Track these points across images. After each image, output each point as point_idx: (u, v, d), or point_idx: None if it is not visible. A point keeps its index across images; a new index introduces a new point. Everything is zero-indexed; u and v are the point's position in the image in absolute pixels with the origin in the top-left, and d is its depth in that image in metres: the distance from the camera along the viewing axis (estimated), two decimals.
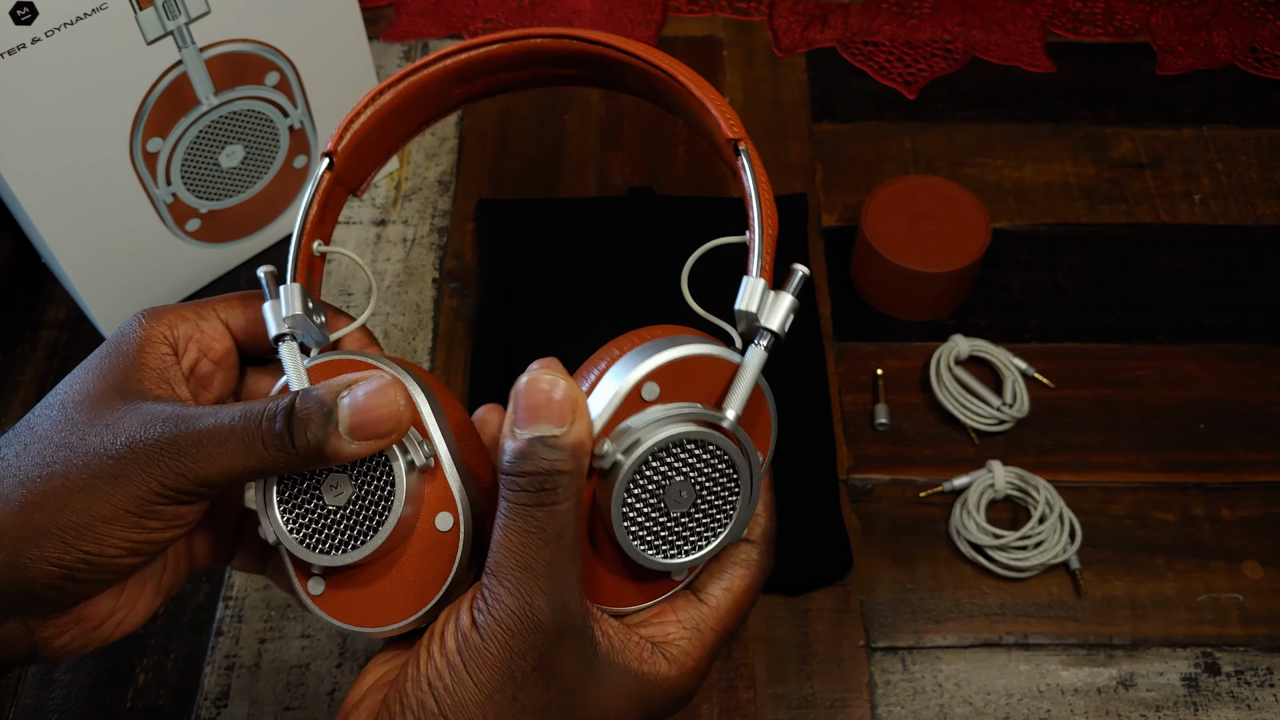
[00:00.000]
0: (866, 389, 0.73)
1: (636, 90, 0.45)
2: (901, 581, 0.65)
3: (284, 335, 0.40)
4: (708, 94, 0.41)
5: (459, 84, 0.45)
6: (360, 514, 0.37)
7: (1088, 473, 0.69)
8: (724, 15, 0.94)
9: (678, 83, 0.42)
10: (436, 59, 0.44)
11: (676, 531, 0.38)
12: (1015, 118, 0.87)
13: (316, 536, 0.37)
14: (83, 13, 0.60)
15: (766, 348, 0.38)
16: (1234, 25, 0.92)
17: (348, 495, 0.37)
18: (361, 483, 0.37)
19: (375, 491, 0.37)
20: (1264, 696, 0.61)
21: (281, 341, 0.40)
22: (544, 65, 0.45)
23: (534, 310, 0.75)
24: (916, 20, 0.93)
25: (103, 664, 0.63)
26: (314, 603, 0.38)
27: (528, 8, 0.94)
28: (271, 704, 0.62)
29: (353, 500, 0.37)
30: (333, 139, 0.42)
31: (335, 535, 0.37)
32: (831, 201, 0.82)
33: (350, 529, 0.37)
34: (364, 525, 0.37)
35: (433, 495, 0.38)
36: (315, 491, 0.37)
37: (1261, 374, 0.73)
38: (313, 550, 0.37)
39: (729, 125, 0.40)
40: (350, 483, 0.37)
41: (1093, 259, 0.79)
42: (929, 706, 0.61)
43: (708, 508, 0.38)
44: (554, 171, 0.84)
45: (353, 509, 0.37)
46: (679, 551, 0.38)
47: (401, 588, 0.38)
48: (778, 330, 0.38)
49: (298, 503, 0.37)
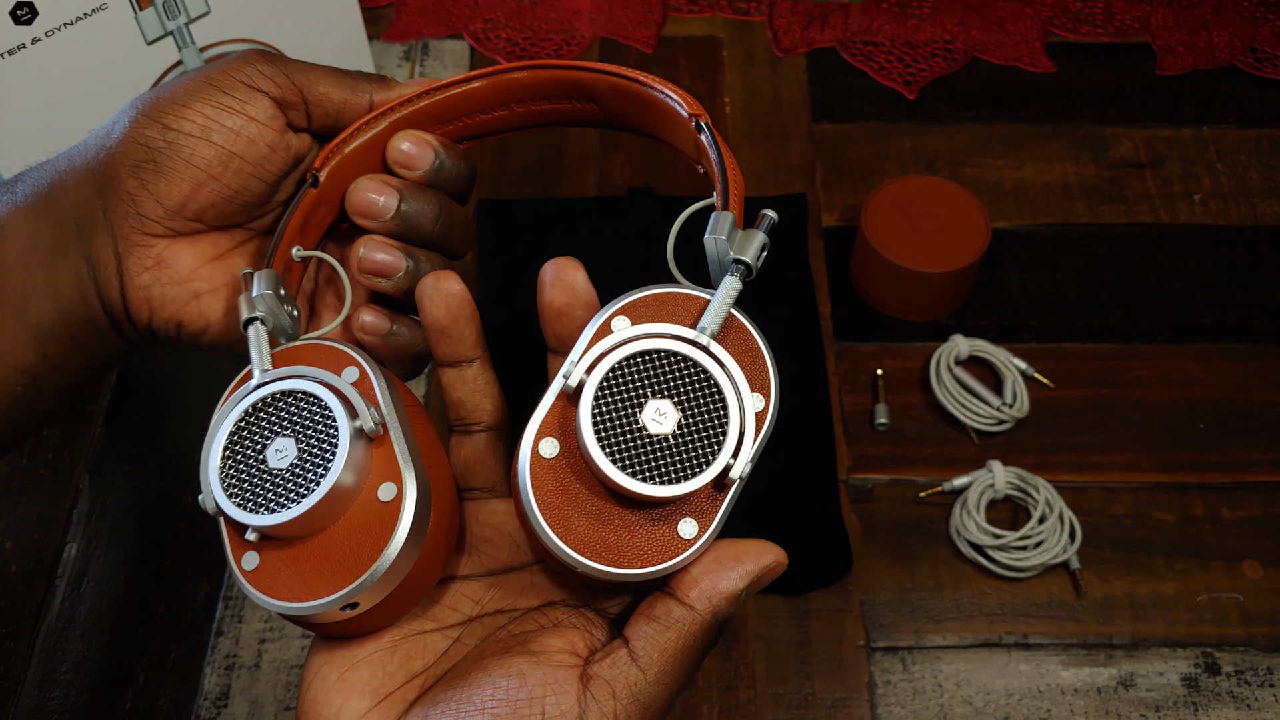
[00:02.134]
0: (866, 389, 0.73)
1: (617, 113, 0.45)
2: (901, 581, 0.65)
3: (254, 319, 0.40)
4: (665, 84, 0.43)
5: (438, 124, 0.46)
6: (300, 476, 0.36)
7: (1088, 473, 0.69)
8: (724, 15, 0.94)
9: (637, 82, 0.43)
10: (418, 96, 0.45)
11: (662, 456, 0.35)
12: (1015, 118, 0.87)
13: (252, 497, 0.36)
14: (83, 13, 0.60)
15: (740, 278, 0.37)
16: (1234, 25, 0.92)
17: (291, 458, 0.36)
18: (306, 445, 0.36)
19: (318, 455, 0.36)
20: (1264, 696, 0.61)
21: (250, 325, 0.40)
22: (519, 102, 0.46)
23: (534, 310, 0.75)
24: (916, 20, 0.93)
25: (103, 664, 0.63)
26: (245, 578, 0.36)
27: (528, 8, 0.94)
28: (271, 704, 0.62)
29: (295, 463, 0.36)
30: (319, 159, 0.43)
31: (271, 497, 0.36)
32: (831, 201, 0.82)
33: (288, 491, 0.36)
34: (303, 487, 0.36)
35: (378, 466, 0.37)
36: (260, 456, 0.37)
37: (1261, 374, 0.73)
38: (245, 510, 0.36)
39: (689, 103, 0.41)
40: (295, 445, 0.36)
41: (1093, 259, 0.79)
42: (929, 706, 0.61)
43: (697, 431, 0.35)
44: (554, 171, 0.84)
45: (294, 471, 0.36)
46: (668, 479, 0.34)
47: (333, 560, 0.36)
48: (750, 261, 0.37)
49: (240, 466, 0.37)
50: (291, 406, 0.37)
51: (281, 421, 0.37)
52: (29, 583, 0.66)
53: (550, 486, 0.35)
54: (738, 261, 0.37)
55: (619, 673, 0.35)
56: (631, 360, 0.35)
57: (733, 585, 0.36)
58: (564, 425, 0.36)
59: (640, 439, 0.35)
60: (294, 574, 0.36)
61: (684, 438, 0.35)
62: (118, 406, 0.73)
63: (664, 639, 0.35)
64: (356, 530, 0.36)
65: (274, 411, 0.37)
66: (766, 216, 0.38)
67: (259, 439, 0.37)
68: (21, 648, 0.63)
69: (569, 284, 0.38)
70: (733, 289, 0.37)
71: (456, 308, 0.40)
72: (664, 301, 0.37)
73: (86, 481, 0.70)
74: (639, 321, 0.36)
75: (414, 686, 0.37)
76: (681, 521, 0.35)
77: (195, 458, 0.71)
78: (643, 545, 0.35)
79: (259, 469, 0.36)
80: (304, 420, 0.37)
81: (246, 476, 0.36)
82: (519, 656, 0.36)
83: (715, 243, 0.37)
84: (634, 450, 0.34)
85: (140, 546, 0.67)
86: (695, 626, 0.35)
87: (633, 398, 0.35)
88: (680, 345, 0.35)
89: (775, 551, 0.36)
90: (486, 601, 0.40)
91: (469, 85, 0.45)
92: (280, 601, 0.35)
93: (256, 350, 0.39)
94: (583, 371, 0.35)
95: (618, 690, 0.35)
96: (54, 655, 0.63)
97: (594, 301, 0.39)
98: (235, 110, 0.41)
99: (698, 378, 0.35)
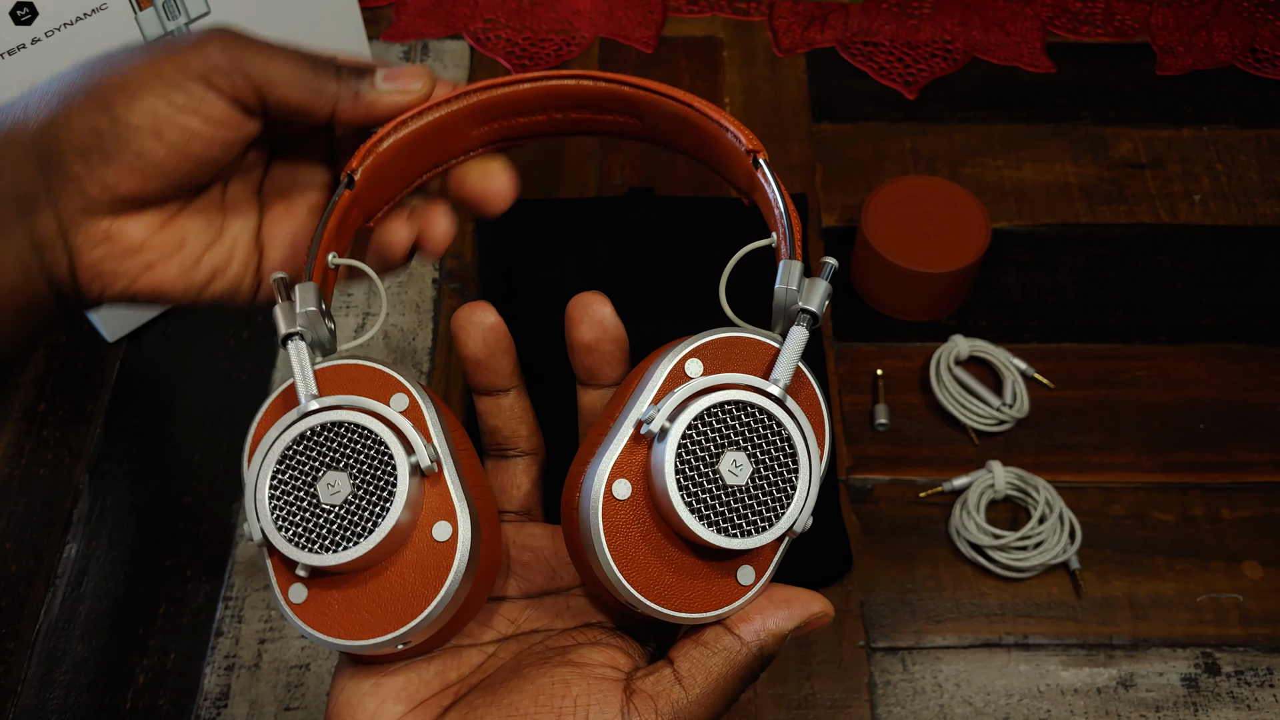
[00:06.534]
0: (866, 389, 0.73)
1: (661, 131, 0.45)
2: (901, 582, 0.65)
3: (295, 333, 0.38)
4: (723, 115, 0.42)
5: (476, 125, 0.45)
6: (356, 514, 0.35)
7: (1088, 473, 0.69)
8: (724, 15, 0.94)
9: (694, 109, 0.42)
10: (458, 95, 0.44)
11: (734, 508, 0.35)
12: (1015, 118, 0.87)
13: (305, 534, 0.35)
14: (83, 13, 0.60)
15: (807, 327, 0.37)
16: (1234, 25, 0.92)
17: (344, 494, 0.35)
18: (360, 481, 0.36)
19: (374, 491, 0.35)
20: (1264, 696, 0.61)
21: (290, 340, 0.38)
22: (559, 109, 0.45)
23: (534, 310, 0.75)
24: (916, 20, 0.93)
25: (103, 664, 0.63)
26: (293, 611, 0.36)
27: (528, 8, 0.94)
28: (271, 704, 0.62)
29: (349, 499, 0.35)
30: (355, 158, 0.41)
31: (326, 534, 0.35)
32: (831, 201, 0.82)
33: (344, 529, 0.35)
34: (359, 525, 0.35)
35: (432, 503, 0.36)
36: (310, 490, 0.36)
37: (1261, 374, 0.73)
38: (298, 548, 0.35)
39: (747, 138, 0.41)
40: (349, 480, 0.36)
41: (1093, 259, 0.79)
42: (929, 707, 0.61)
43: (766, 484, 0.35)
44: (554, 171, 0.84)
45: (348, 508, 0.35)
46: (740, 532, 0.35)
47: (388, 599, 0.36)
48: (816, 310, 0.37)
49: (290, 500, 0.36)
50: (343, 438, 0.36)
51: (333, 454, 0.36)
52: (29, 583, 0.66)
53: (620, 528, 0.36)
54: (805, 311, 0.37)
55: (662, 689, 0.35)
56: (713, 410, 0.35)
57: (782, 625, 0.37)
58: (636, 467, 0.36)
59: (717, 489, 0.35)
60: (346, 610, 0.36)
61: (756, 490, 0.35)
62: (118, 406, 0.73)
63: (710, 663, 0.36)
64: (411, 569, 0.36)
65: (324, 442, 0.36)
66: (828, 264, 0.38)
67: (309, 471, 0.36)
68: (21, 648, 0.63)
69: (598, 320, 0.40)
70: (801, 340, 0.37)
71: (494, 340, 0.41)
72: (733, 346, 0.37)
73: (86, 481, 0.70)
74: (711, 366, 0.37)
75: (449, 694, 0.38)
76: (741, 568, 0.36)
77: (195, 458, 0.71)
78: (704, 590, 0.36)
79: (310, 503, 0.36)
80: (358, 455, 0.36)
81: (297, 510, 0.36)
82: (561, 667, 0.36)
83: (785, 292, 0.38)
84: (710, 500, 0.35)
85: (140, 546, 0.67)
86: (741, 656, 0.36)
87: (713, 448, 0.35)
88: (757, 397, 0.36)
89: (823, 602, 0.37)
90: (523, 621, 0.40)
91: (515, 87, 0.44)
92: (333, 639, 0.36)
93: (301, 372, 0.37)
94: (665, 418, 0.35)
95: (660, 706, 0.35)
96: (54, 655, 0.63)
97: (622, 335, 0.40)
98: (188, 109, 0.39)
99: (773, 431, 0.36)
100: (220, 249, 0.43)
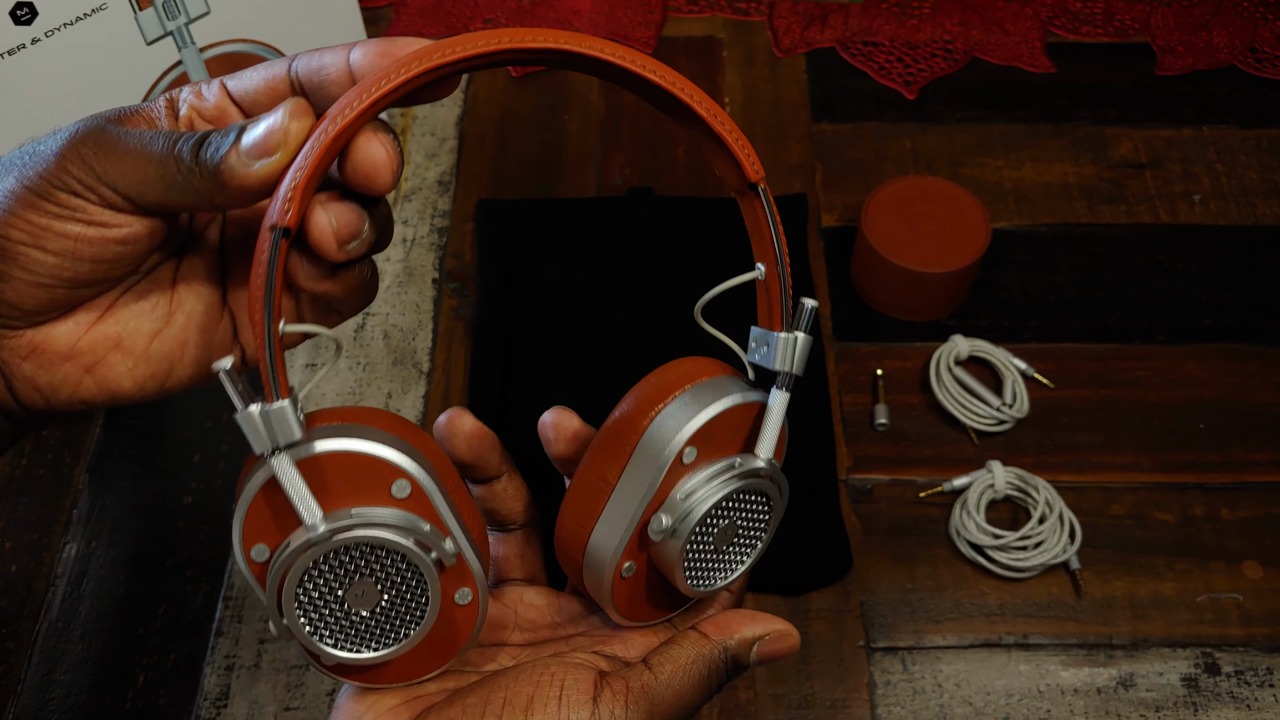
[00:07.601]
0: (866, 389, 0.73)
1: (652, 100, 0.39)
2: (901, 582, 0.65)
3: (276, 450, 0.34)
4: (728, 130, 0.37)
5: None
6: (391, 618, 0.37)
7: (1088, 473, 0.69)
8: (724, 15, 0.94)
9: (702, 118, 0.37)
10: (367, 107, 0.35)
11: (721, 561, 0.41)
12: (1015, 118, 0.87)
13: (338, 633, 0.37)
14: (83, 13, 0.60)
15: (788, 388, 0.40)
16: (1234, 25, 0.92)
17: (376, 602, 0.37)
18: (389, 587, 0.37)
19: (406, 596, 0.37)
20: (1264, 696, 0.61)
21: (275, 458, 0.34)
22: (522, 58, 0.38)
23: (534, 310, 0.75)
24: (916, 20, 0.93)
25: (103, 664, 0.63)
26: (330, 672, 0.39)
27: (527, 8, 0.94)
28: (271, 704, 0.62)
29: (383, 606, 0.37)
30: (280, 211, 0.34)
31: (364, 637, 0.37)
32: (831, 201, 0.82)
33: (381, 632, 0.38)
34: (396, 625, 0.38)
35: (451, 574, 0.38)
36: (338, 597, 0.36)
37: (1261, 374, 0.73)
38: (336, 649, 0.37)
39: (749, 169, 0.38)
40: (377, 588, 0.37)
41: (1093, 259, 0.79)
42: (929, 707, 0.61)
43: (745, 534, 0.41)
44: (554, 171, 0.84)
45: (383, 613, 0.37)
46: (725, 574, 0.42)
47: (412, 655, 0.39)
48: (800, 373, 0.40)
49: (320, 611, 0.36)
50: (364, 553, 0.36)
51: (358, 567, 0.36)
52: (29, 583, 0.66)
53: (627, 596, 0.42)
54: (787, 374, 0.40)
55: (633, 674, 0.39)
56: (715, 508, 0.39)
57: (745, 629, 0.41)
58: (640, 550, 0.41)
59: (713, 558, 0.41)
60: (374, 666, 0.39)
61: (737, 543, 0.41)
62: (118, 406, 0.73)
63: (676, 651, 0.40)
64: (437, 629, 0.39)
65: (345, 561, 0.36)
66: (806, 308, 0.39)
67: (333, 583, 0.36)
68: (21, 648, 0.63)
69: (571, 437, 0.43)
70: (783, 404, 0.40)
71: (478, 443, 0.43)
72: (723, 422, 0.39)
73: (86, 481, 0.70)
74: (705, 449, 0.40)
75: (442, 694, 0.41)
76: None
77: (195, 458, 0.71)
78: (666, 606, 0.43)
79: (338, 608, 0.37)
80: (383, 567, 0.36)
81: (328, 614, 0.37)
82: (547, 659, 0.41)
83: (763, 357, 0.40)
84: (706, 568, 0.41)
85: (140, 546, 0.67)
86: (706, 649, 0.40)
87: (714, 533, 0.40)
88: (749, 480, 0.40)
89: (791, 628, 0.42)
90: (523, 657, 0.43)
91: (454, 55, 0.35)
92: (358, 684, 0.40)
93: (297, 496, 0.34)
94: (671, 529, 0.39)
95: (630, 685, 0.39)
96: (53, 655, 0.63)
97: (590, 437, 0.43)
98: (64, 217, 0.36)
99: (760, 504, 0.41)
100: (170, 335, 0.41)
